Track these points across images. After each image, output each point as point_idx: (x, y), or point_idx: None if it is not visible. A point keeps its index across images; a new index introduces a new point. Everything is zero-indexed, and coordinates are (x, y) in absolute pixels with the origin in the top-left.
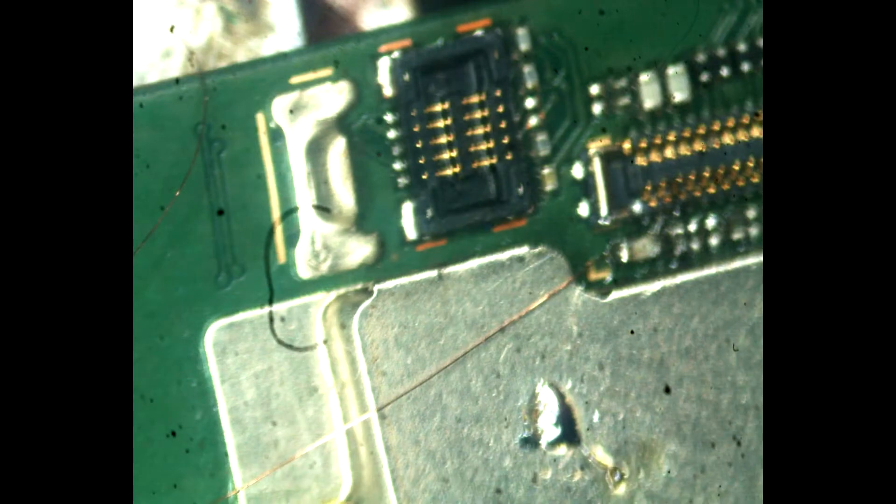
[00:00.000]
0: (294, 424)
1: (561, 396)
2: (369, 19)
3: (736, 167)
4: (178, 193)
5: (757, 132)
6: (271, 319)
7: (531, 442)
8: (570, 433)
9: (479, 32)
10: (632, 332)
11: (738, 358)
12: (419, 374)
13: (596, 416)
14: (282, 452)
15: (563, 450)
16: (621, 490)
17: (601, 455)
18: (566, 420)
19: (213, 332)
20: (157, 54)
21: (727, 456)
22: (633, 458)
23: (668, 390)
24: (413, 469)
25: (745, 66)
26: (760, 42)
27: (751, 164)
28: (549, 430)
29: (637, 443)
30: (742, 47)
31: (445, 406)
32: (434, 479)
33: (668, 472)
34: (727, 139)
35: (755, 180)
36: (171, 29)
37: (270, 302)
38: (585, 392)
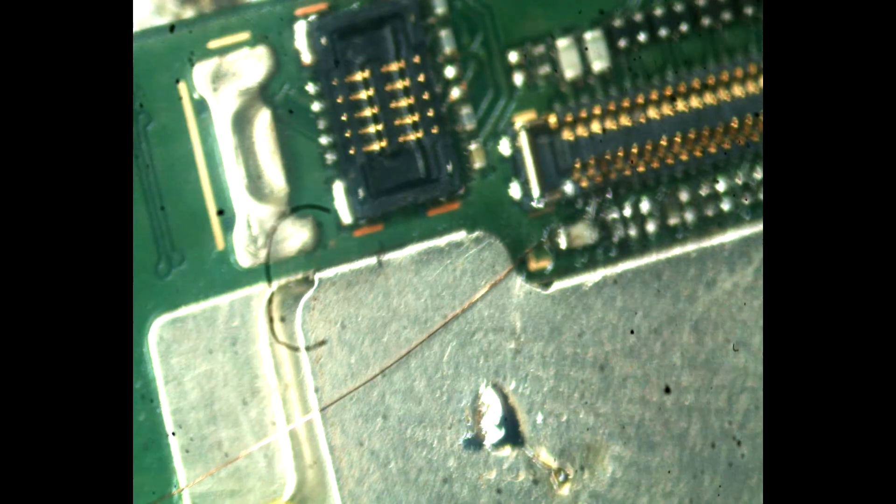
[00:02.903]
0: (238, 426)
1: (504, 398)
2: None
3: (663, 142)
4: None
5: (681, 105)
6: (271, 320)
7: (475, 443)
8: (513, 434)
9: None
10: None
11: (683, 357)
12: (363, 374)
13: (539, 418)
14: (226, 453)
15: (507, 451)
16: (566, 491)
17: (545, 456)
18: (510, 421)
19: (157, 330)
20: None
21: (671, 457)
22: (577, 458)
23: (668, 390)
24: (357, 469)
25: (663, 32)
26: (678, 6)
27: (678, 140)
28: (492, 431)
29: (581, 444)
30: (658, 11)
31: (389, 407)
32: (378, 478)
33: (613, 472)
34: (651, 112)
35: (684, 158)
36: (171, 29)
37: (270, 302)
38: (529, 393)
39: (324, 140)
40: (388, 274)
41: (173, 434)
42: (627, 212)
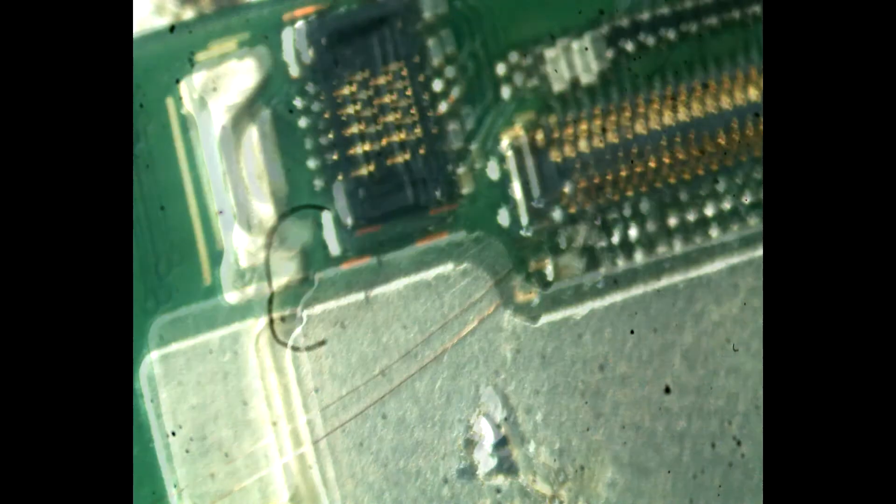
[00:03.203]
0: (231, 459)
1: (496, 427)
2: None
3: (651, 164)
4: None
5: (669, 119)
6: (271, 321)
7: (468, 473)
8: (506, 463)
9: None
10: (570, 365)
11: (674, 384)
12: (354, 406)
13: (532, 446)
14: (219, 487)
15: (500, 479)
16: None
17: (540, 484)
18: (503, 450)
19: (148, 365)
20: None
21: (664, 482)
22: (571, 485)
23: (667, 390)
24: (351, 500)
25: (650, 40)
26: (664, 10)
27: (666, 161)
28: (485, 460)
29: (575, 471)
30: (645, 16)
31: (381, 438)
32: None
33: (607, 499)
34: (639, 128)
35: (671, 181)
36: (171, 29)
37: (270, 303)
38: (521, 422)
39: (312, 164)
40: (377, 309)
41: (173, 434)
42: (615, 239)
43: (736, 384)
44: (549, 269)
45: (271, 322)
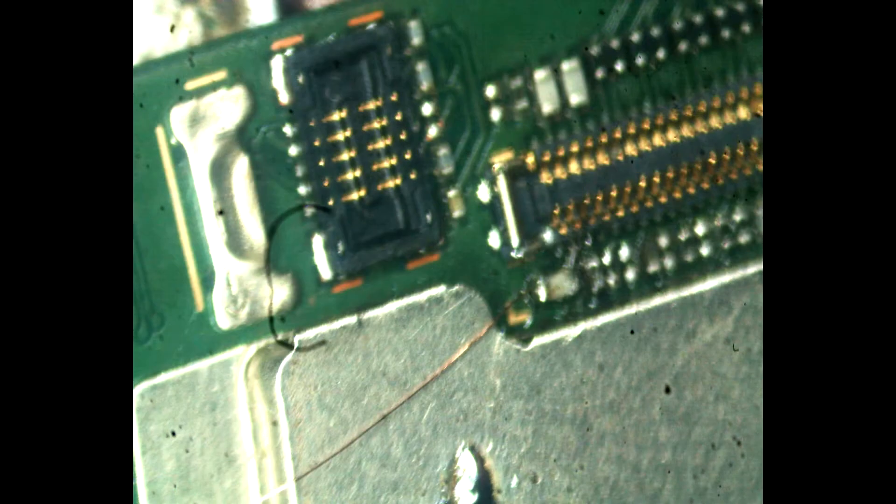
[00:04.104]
0: (211, 497)
1: (480, 460)
2: None
3: (642, 183)
4: None
5: (659, 140)
6: (271, 319)
7: None
8: (486, 500)
9: (371, 26)
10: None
11: (662, 411)
12: (341, 439)
13: (514, 482)
14: None
15: None
16: None
17: None
18: (483, 486)
19: (136, 398)
20: (137, 59)
21: None
22: None
23: (668, 390)
24: None
25: (640, 60)
26: (654, 31)
27: (656, 181)
28: (465, 497)
29: None
30: (636, 37)
31: (364, 475)
32: None
33: None
34: (629, 149)
35: (663, 200)
36: (172, 29)
37: (270, 312)
38: (506, 455)
39: (302, 190)
40: (368, 334)
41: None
42: (607, 259)
43: (726, 411)
44: (541, 290)
45: (271, 320)
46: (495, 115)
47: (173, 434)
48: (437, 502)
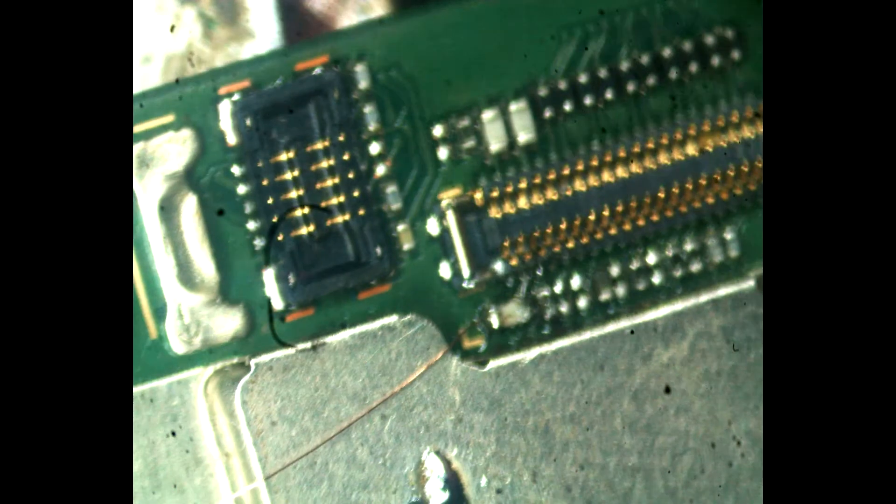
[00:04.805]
0: (183, 494)
1: (447, 462)
2: (348, 24)
3: (591, 216)
4: None
5: (608, 176)
6: (271, 319)
7: None
8: (458, 498)
9: (317, 70)
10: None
11: (623, 422)
12: (305, 445)
13: (483, 481)
14: None
15: None
16: None
17: None
18: (454, 485)
19: None
20: (137, 60)
21: None
22: None
23: (668, 390)
24: None
25: (588, 100)
26: (602, 72)
27: (605, 214)
28: (436, 494)
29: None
30: (583, 79)
31: (332, 474)
32: None
33: None
34: (578, 185)
35: (612, 232)
36: (172, 29)
37: (269, 306)
38: (472, 458)
39: (251, 225)
40: (324, 357)
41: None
42: (559, 288)
43: (688, 423)
44: (494, 318)
45: (271, 319)
46: (443, 153)
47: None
48: (409, 499)
